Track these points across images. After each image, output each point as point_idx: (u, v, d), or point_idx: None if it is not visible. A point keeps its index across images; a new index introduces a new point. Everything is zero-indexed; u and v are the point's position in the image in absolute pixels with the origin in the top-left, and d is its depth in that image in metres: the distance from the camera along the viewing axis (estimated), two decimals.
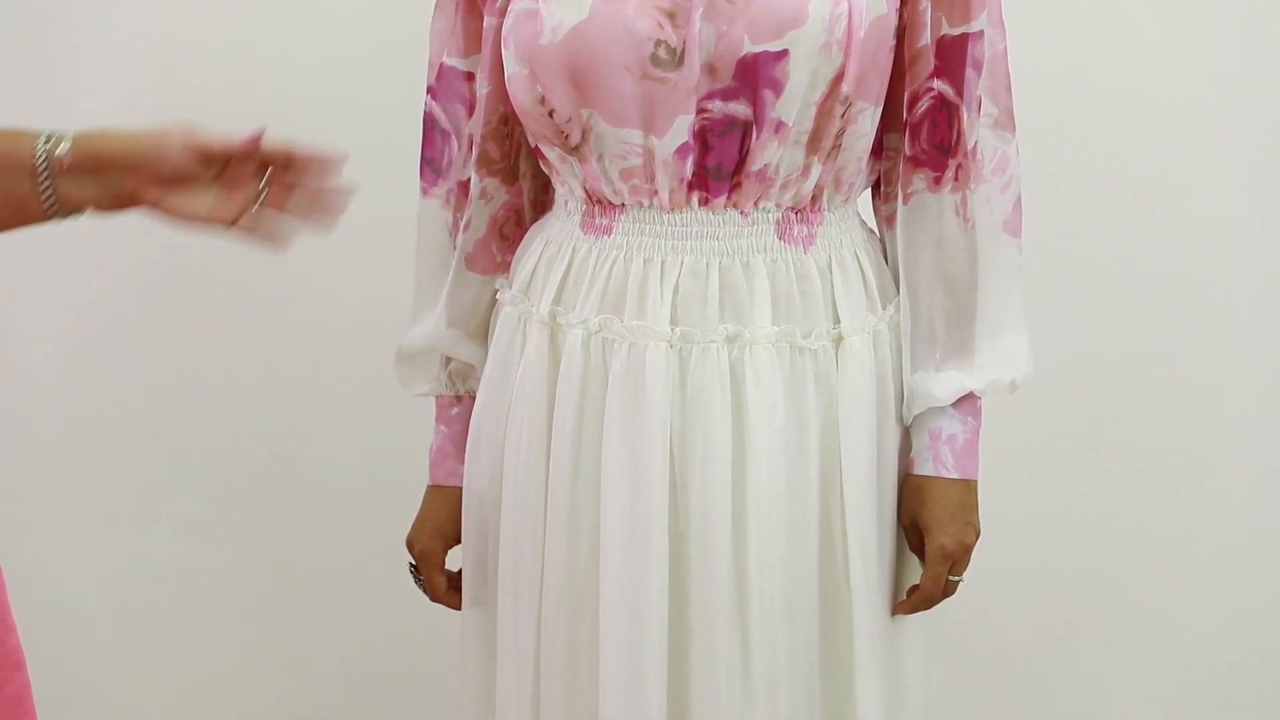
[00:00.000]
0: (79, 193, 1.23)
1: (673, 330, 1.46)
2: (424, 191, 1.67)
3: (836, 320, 1.50)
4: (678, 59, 1.41)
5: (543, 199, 1.66)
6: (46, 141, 1.22)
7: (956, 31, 1.50)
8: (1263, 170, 2.43)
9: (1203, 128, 2.41)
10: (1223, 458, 2.53)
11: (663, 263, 1.48)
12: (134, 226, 2.36)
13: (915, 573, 1.59)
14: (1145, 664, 2.57)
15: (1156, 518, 2.54)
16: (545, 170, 1.58)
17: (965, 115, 1.51)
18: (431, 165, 1.65)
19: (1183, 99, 2.40)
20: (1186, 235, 2.44)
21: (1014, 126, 1.56)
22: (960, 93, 1.50)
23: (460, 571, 1.67)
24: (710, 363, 1.46)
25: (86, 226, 1.55)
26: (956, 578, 1.57)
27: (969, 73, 1.50)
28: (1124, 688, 2.58)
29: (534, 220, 1.65)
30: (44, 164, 1.23)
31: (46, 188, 1.23)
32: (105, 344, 2.44)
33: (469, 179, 1.63)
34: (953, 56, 1.50)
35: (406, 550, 1.69)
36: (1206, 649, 2.57)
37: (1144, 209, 2.43)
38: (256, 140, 1.21)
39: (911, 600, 1.57)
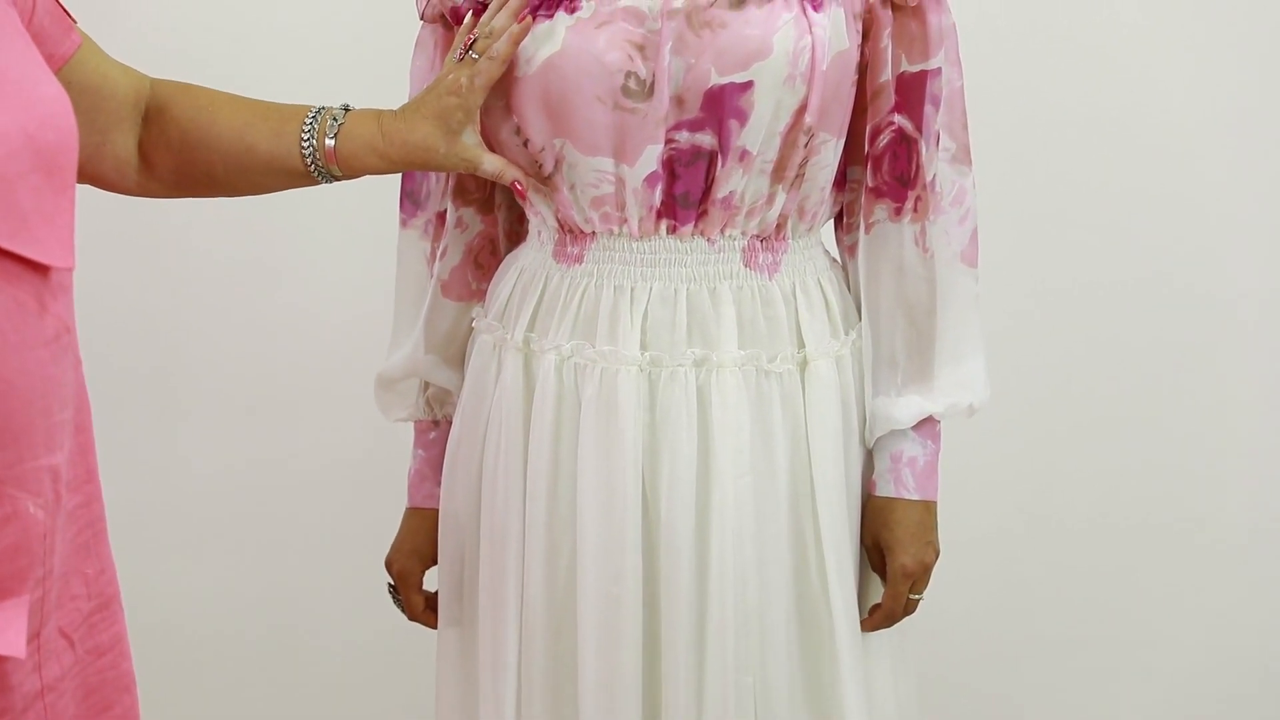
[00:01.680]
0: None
1: (643, 355, 1.45)
2: (403, 223, 1.66)
3: (801, 345, 1.48)
4: (648, 90, 1.40)
5: (517, 229, 1.65)
6: (313, 147, 1.41)
7: (915, 68, 1.49)
8: (1256, 187, 2.43)
9: (1193, 147, 2.42)
10: (1204, 472, 2.53)
11: (632, 290, 1.46)
12: (126, 253, 2.39)
13: (875, 591, 1.58)
14: (1114, 677, 2.57)
15: (1133, 536, 2.54)
16: (519, 201, 1.56)
17: (924, 149, 1.50)
18: (410, 197, 1.64)
19: (1172, 117, 2.41)
20: (1182, 251, 2.45)
21: (970, 161, 1.55)
22: (919, 127, 1.50)
23: (437, 592, 1.64)
24: (678, 386, 1.45)
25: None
26: (917, 596, 1.55)
27: (927, 108, 1.49)
28: (1092, 700, 2.57)
29: (509, 250, 1.63)
30: (313, 166, 1.43)
31: (322, 179, 1.44)
32: (93, 365, 2.41)
33: (446, 210, 1.61)
34: (912, 92, 1.49)
35: (385, 570, 1.66)
36: (1179, 665, 2.56)
37: (1138, 225, 2.44)
38: None
39: (874, 618, 1.55)
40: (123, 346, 2.45)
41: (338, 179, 1.44)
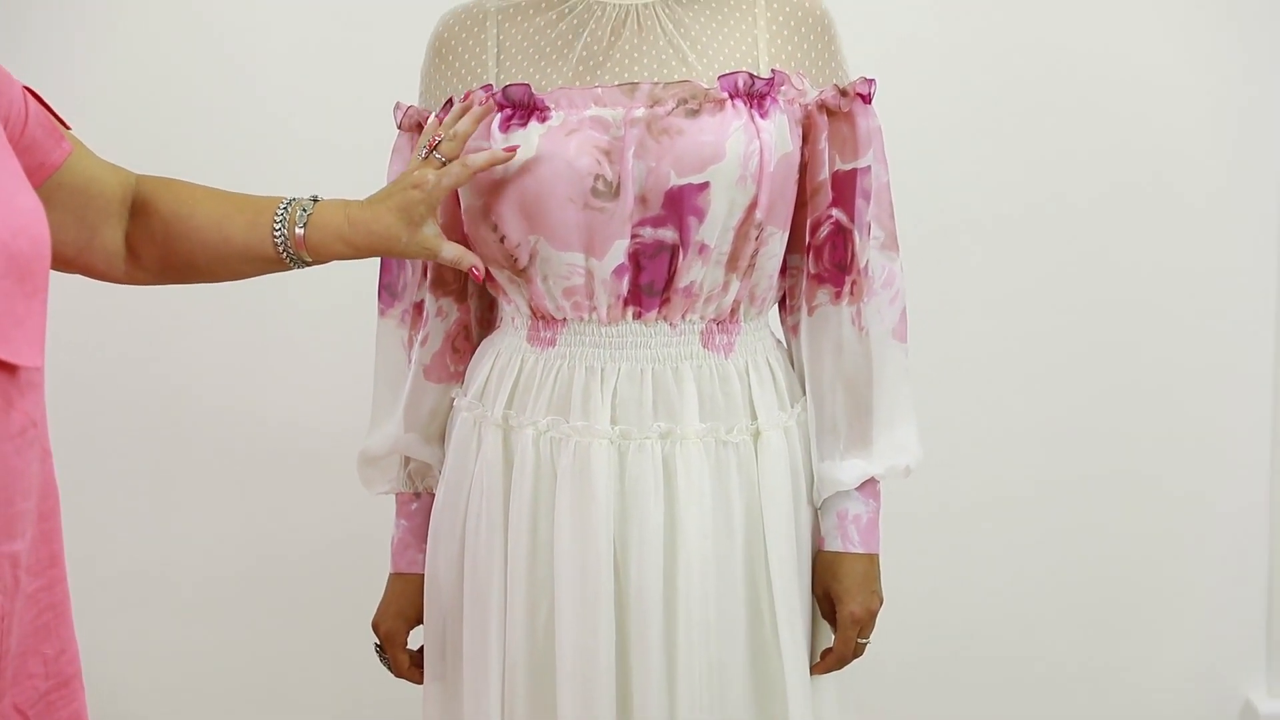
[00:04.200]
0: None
1: (613, 429, 1.49)
2: (381, 312, 1.69)
3: (754, 417, 1.53)
4: (614, 191, 1.45)
5: (488, 316, 1.69)
6: (284, 236, 1.43)
7: (848, 167, 1.56)
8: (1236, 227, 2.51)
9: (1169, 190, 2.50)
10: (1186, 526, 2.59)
11: (602, 370, 1.51)
12: (123, 344, 2.42)
13: (826, 637, 1.63)
14: None
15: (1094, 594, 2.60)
16: (492, 291, 1.61)
17: (858, 238, 1.56)
18: (389, 289, 1.68)
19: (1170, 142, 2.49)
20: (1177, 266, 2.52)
21: (898, 247, 1.62)
22: (853, 219, 1.56)
23: (420, 649, 1.66)
24: (646, 456, 1.50)
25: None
26: (864, 640, 1.61)
27: (859, 202, 1.56)
28: None
29: (480, 335, 1.68)
30: (285, 253, 1.45)
31: (294, 265, 1.46)
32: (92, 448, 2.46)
33: (422, 300, 1.65)
34: (846, 188, 1.56)
35: (372, 632, 1.68)
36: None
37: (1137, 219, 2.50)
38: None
39: (826, 662, 1.61)
40: (119, 431, 2.51)
41: (309, 265, 1.47)
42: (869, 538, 1.59)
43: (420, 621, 1.67)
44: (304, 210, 1.44)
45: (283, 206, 1.44)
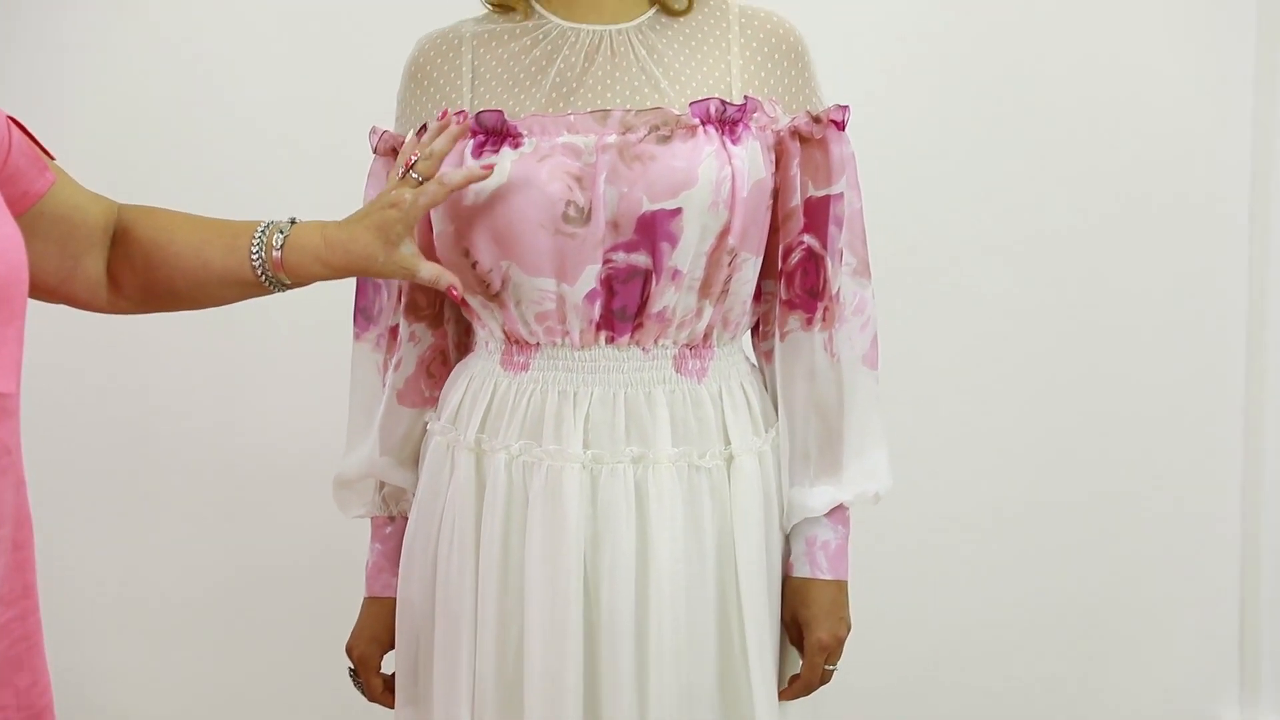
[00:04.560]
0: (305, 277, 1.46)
1: (585, 453, 1.49)
2: (356, 336, 1.69)
3: (727, 442, 1.53)
4: (585, 216, 1.45)
5: (465, 341, 1.69)
6: (261, 259, 1.43)
7: (820, 193, 1.56)
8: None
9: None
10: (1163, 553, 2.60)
11: (575, 394, 1.50)
12: (101, 367, 2.41)
13: (794, 663, 1.63)
14: None
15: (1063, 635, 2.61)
16: (467, 315, 1.61)
17: (829, 264, 1.57)
18: (364, 313, 1.68)
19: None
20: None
21: (870, 274, 1.62)
22: (825, 245, 1.56)
23: (394, 674, 1.66)
24: (618, 481, 1.49)
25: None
26: (831, 667, 1.61)
27: (831, 228, 1.56)
28: None
29: (457, 360, 1.67)
30: (263, 275, 1.44)
31: (273, 288, 1.45)
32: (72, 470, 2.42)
33: (397, 324, 1.65)
34: (818, 214, 1.57)
35: (346, 655, 1.67)
36: None
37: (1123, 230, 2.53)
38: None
39: (793, 688, 1.61)
40: (98, 453, 2.51)
41: (288, 287, 1.46)
42: (838, 564, 1.59)
43: (394, 645, 1.66)
44: (281, 232, 1.44)
45: (260, 229, 1.44)
